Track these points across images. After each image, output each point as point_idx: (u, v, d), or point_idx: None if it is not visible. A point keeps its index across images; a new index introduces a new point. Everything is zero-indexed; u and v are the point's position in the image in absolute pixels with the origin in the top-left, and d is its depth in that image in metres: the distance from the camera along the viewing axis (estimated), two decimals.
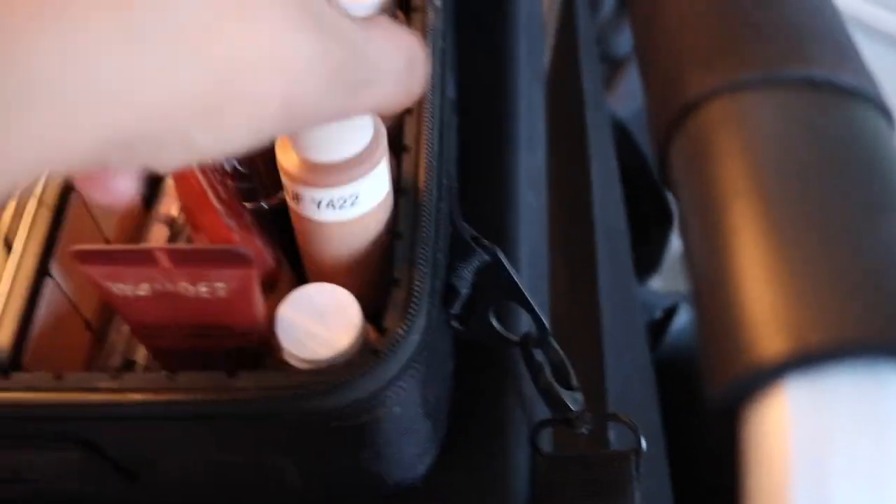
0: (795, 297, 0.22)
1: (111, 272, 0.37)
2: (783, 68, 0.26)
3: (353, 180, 0.39)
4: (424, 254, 0.40)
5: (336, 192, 0.39)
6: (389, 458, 0.43)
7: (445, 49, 0.48)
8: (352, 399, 0.38)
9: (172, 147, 0.27)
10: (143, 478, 0.44)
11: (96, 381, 0.39)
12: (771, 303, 0.22)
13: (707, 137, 0.26)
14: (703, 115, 0.26)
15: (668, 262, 0.96)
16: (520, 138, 0.56)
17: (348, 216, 0.41)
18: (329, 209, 0.40)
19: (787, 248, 0.23)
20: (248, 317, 0.39)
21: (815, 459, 0.21)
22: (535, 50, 0.63)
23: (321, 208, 0.40)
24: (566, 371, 0.46)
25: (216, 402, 0.38)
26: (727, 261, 0.23)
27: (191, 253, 0.36)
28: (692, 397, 0.77)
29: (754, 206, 0.24)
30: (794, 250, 0.22)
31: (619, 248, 0.72)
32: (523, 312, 0.50)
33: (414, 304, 0.39)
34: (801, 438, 0.21)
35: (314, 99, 0.29)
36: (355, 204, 0.40)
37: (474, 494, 0.46)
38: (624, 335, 0.66)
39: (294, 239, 0.44)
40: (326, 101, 0.30)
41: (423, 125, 0.44)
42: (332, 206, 0.40)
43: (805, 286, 0.22)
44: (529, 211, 0.54)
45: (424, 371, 0.40)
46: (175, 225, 0.52)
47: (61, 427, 0.40)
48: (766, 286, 0.22)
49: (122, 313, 0.40)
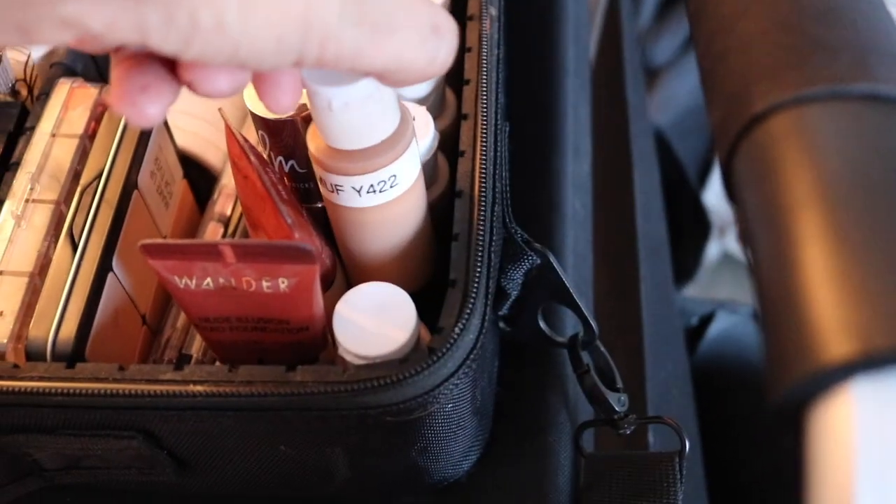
0: (863, 301, 0.23)
1: (177, 266, 0.39)
2: (849, 84, 0.27)
3: (391, 161, 0.41)
4: (480, 256, 0.41)
5: (376, 175, 0.41)
6: (437, 454, 0.44)
7: (500, 57, 0.49)
8: (408, 396, 0.39)
9: (180, 19, 0.27)
10: (196, 467, 0.45)
11: (159, 372, 0.40)
12: (838, 306, 0.23)
13: (773, 149, 0.27)
14: (769, 128, 0.27)
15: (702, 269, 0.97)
16: (567, 145, 0.57)
17: (390, 197, 0.42)
18: (371, 194, 0.41)
19: (854, 254, 0.23)
20: (307, 312, 0.40)
21: (881, 461, 0.22)
22: (581, 59, 0.64)
23: (362, 195, 0.41)
24: (612, 373, 0.47)
25: (275, 395, 0.39)
26: (795, 266, 0.24)
27: (255, 248, 0.37)
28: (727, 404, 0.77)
29: (821, 215, 0.25)
30: (861, 256, 0.23)
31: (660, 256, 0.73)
32: (567, 314, 0.51)
33: (469, 305, 0.40)
34: (867, 440, 0.22)
35: (332, 20, 0.30)
36: (395, 185, 0.42)
37: (517, 492, 0.47)
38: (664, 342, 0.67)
39: None
40: (344, 29, 0.30)
41: (479, 130, 0.45)
42: (373, 191, 0.41)
43: (872, 291, 0.23)
44: (575, 217, 0.55)
45: (476, 370, 0.41)
46: (230, 224, 0.54)
47: (122, 416, 0.41)
48: (834, 290, 0.23)
49: (183, 306, 0.41)
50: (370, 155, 0.40)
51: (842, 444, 0.22)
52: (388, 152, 0.40)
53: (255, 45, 0.29)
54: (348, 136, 0.40)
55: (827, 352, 0.23)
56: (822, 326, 0.23)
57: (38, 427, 0.42)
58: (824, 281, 0.23)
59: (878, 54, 0.27)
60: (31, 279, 0.44)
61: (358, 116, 0.38)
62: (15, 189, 0.47)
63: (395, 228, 0.44)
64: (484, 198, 0.43)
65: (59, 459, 0.45)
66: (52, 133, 0.48)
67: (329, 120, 0.39)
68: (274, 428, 0.41)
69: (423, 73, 0.34)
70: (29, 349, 0.43)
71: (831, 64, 0.27)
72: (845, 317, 0.23)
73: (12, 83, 0.52)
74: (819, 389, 0.23)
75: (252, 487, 0.48)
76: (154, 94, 0.31)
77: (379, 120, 0.40)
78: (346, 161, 0.40)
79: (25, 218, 0.46)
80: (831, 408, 0.23)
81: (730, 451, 0.74)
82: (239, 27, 0.28)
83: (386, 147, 0.40)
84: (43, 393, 0.40)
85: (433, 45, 0.34)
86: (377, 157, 0.40)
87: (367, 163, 0.40)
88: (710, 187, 1.27)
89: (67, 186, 0.47)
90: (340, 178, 0.41)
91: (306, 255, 0.37)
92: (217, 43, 0.29)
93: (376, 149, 0.40)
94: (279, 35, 0.29)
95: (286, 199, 0.42)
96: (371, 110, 0.39)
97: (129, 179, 0.48)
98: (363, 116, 0.39)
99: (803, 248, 0.24)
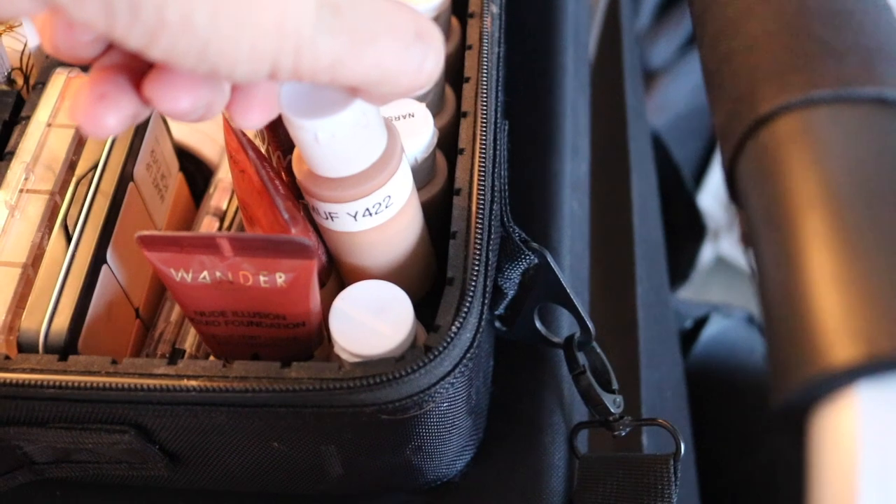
0: (869, 304, 0.22)
1: (173, 259, 0.38)
2: (855, 87, 0.27)
3: (385, 182, 0.40)
4: (478, 254, 0.41)
5: (371, 199, 0.40)
6: (431, 453, 0.44)
7: (500, 55, 0.48)
8: (404, 394, 0.38)
9: (147, 9, 0.26)
10: (188, 462, 0.45)
11: (152, 366, 0.40)
12: (843, 310, 0.23)
13: (779, 151, 0.27)
14: (774, 130, 0.27)
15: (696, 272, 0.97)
16: (565, 145, 0.56)
17: (387, 217, 0.41)
18: (366, 217, 0.41)
19: (859, 257, 0.23)
20: (304, 308, 0.40)
21: (885, 465, 0.22)
22: (580, 61, 0.64)
23: (358, 219, 0.41)
24: (607, 374, 0.47)
25: (269, 392, 0.39)
26: (799, 269, 0.24)
27: (253, 242, 0.37)
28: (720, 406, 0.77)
29: (827, 217, 0.24)
30: (866, 260, 0.23)
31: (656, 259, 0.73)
32: (563, 315, 0.51)
33: (467, 303, 0.39)
34: (871, 443, 0.22)
35: (307, 29, 0.29)
36: (390, 205, 0.41)
37: (511, 493, 0.47)
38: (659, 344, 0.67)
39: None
40: (320, 38, 0.29)
41: (479, 128, 0.44)
42: (369, 214, 0.41)
43: (877, 294, 0.22)
44: (573, 217, 0.55)
45: (472, 369, 0.41)
46: (225, 218, 0.53)
47: (114, 410, 0.41)
48: (839, 293, 0.23)
49: (179, 299, 0.41)
50: (363, 179, 0.39)
51: (846, 447, 0.22)
52: (380, 174, 0.39)
53: (225, 50, 0.28)
54: (338, 165, 0.39)
55: (831, 355, 0.22)
56: (826, 330, 0.23)
57: (29, 420, 0.42)
58: (829, 284, 0.23)
59: (885, 57, 0.27)
60: (25, 270, 0.44)
61: (347, 144, 0.38)
62: (9, 179, 0.46)
63: (392, 246, 0.44)
64: (482, 196, 0.42)
65: (49, 452, 0.44)
66: (47, 123, 0.48)
67: (317, 152, 0.38)
68: (268, 424, 0.41)
69: (409, 83, 0.33)
70: (21, 341, 0.42)
71: (838, 66, 0.27)
72: (850, 320, 0.23)
73: (8, 72, 0.51)
74: (823, 393, 0.23)
75: (244, 484, 0.47)
76: (111, 104, 0.30)
77: (368, 143, 0.39)
78: (339, 189, 0.39)
79: (19, 208, 0.45)
80: (835, 411, 0.23)
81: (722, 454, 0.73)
82: (208, 27, 0.27)
83: (378, 168, 0.39)
84: (35, 385, 0.40)
85: (418, 52, 0.32)
86: (370, 181, 0.39)
87: (360, 188, 0.39)
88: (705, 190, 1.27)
89: (62, 177, 0.46)
90: (334, 205, 0.40)
91: (304, 250, 0.37)
92: (184, 42, 0.28)
93: (368, 172, 0.39)
94: (252, 41, 0.28)
95: (283, 194, 0.42)
96: (360, 136, 0.38)
97: (124, 171, 0.47)
98: (352, 143, 0.38)
99: (808, 251, 0.24)
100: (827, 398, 0.23)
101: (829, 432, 0.23)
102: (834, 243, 0.24)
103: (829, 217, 0.24)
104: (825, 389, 0.23)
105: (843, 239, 0.24)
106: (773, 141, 0.27)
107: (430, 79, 0.33)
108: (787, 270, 0.24)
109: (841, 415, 0.23)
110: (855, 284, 0.23)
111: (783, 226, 0.25)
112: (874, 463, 0.22)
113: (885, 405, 0.22)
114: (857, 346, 0.22)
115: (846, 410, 0.23)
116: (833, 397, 0.23)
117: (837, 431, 0.23)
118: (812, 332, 0.23)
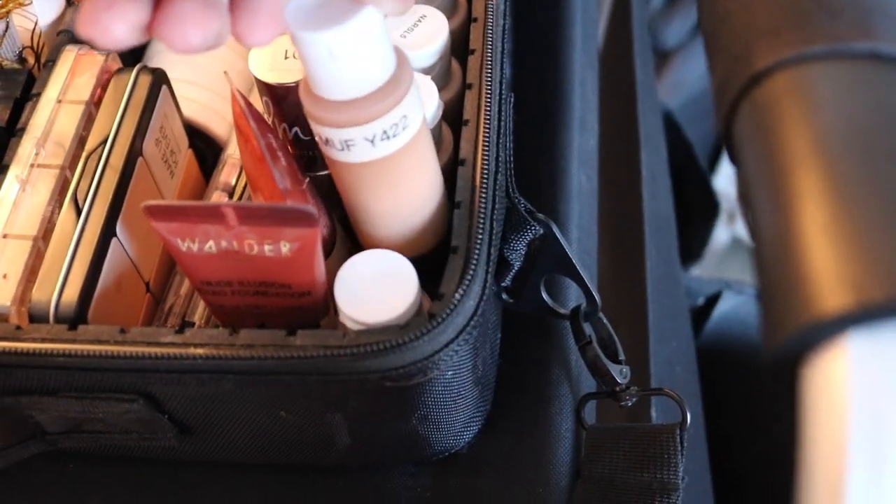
0: (859, 253, 0.22)
1: (180, 228, 0.39)
2: (850, 42, 0.27)
3: (400, 100, 0.38)
4: (482, 223, 0.41)
5: (387, 119, 0.38)
6: (437, 423, 0.44)
7: (506, 27, 0.49)
8: (408, 361, 0.39)
9: None
10: (196, 432, 0.45)
11: (160, 335, 0.40)
12: (835, 259, 0.23)
13: (773, 106, 0.27)
14: (769, 86, 0.27)
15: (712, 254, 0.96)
16: (573, 119, 0.56)
17: (402, 142, 0.39)
18: (384, 142, 0.39)
19: (851, 207, 0.23)
20: (309, 276, 0.40)
21: (875, 413, 0.22)
22: (589, 36, 0.64)
23: (376, 144, 0.39)
24: (614, 345, 0.47)
25: (275, 359, 0.39)
26: (792, 220, 0.24)
27: (258, 210, 0.37)
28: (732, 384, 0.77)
29: (819, 170, 0.24)
30: (858, 210, 0.23)
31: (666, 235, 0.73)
32: (570, 287, 0.51)
33: (471, 271, 0.40)
34: (862, 392, 0.22)
35: None
36: (406, 126, 0.39)
37: (518, 464, 0.47)
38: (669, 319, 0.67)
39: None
40: None
41: (483, 99, 0.45)
42: (386, 137, 0.39)
43: (869, 243, 0.22)
44: (581, 191, 0.55)
45: (477, 337, 0.41)
46: (234, 194, 0.54)
47: (123, 379, 0.42)
48: (831, 243, 0.23)
49: (186, 269, 0.41)
50: (379, 97, 0.37)
51: (836, 396, 0.22)
52: (396, 90, 0.37)
53: None
54: (354, 83, 0.37)
55: (822, 304, 0.23)
56: (817, 279, 0.23)
57: (40, 389, 0.42)
58: (821, 233, 0.23)
59: (880, 13, 0.27)
60: (35, 243, 0.44)
61: (361, 58, 0.36)
62: (20, 154, 0.47)
63: (412, 176, 0.42)
64: (487, 166, 0.43)
65: (61, 422, 0.45)
66: (58, 99, 0.48)
67: (331, 69, 0.36)
68: (274, 392, 0.42)
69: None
70: (32, 312, 0.43)
71: (833, 23, 0.27)
72: (841, 269, 0.23)
73: (19, 50, 0.52)
74: (814, 342, 0.23)
75: (252, 454, 0.48)
76: (119, 11, 0.30)
77: (381, 58, 0.37)
78: (354, 110, 0.37)
79: (30, 182, 0.46)
80: (826, 360, 0.23)
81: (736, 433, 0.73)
82: None
83: (393, 85, 0.37)
84: (45, 354, 0.40)
85: None
86: (386, 98, 0.37)
87: (377, 106, 0.37)
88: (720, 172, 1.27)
89: (72, 152, 0.47)
90: (351, 130, 0.38)
91: (308, 218, 0.37)
92: None
93: (383, 89, 0.37)
94: None
95: (281, 163, 0.42)
96: (373, 49, 0.36)
97: (133, 146, 0.48)
98: (366, 57, 0.36)
99: (800, 203, 0.24)
100: (818, 347, 0.23)
101: (820, 381, 0.23)
102: (826, 194, 0.24)
103: (821, 169, 0.25)
104: (816, 338, 0.23)
105: (836, 190, 0.24)
106: (767, 98, 0.27)
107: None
108: (779, 222, 0.24)
109: (832, 363, 0.23)
110: (847, 233, 0.23)
111: (776, 179, 0.25)
112: (865, 411, 0.22)
113: (876, 353, 0.22)
114: (847, 294, 0.22)
115: (837, 359, 0.23)
116: (824, 346, 0.23)
117: (828, 380, 0.23)
118: (803, 282, 0.23)
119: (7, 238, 0.44)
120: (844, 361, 0.22)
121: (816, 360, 0.23)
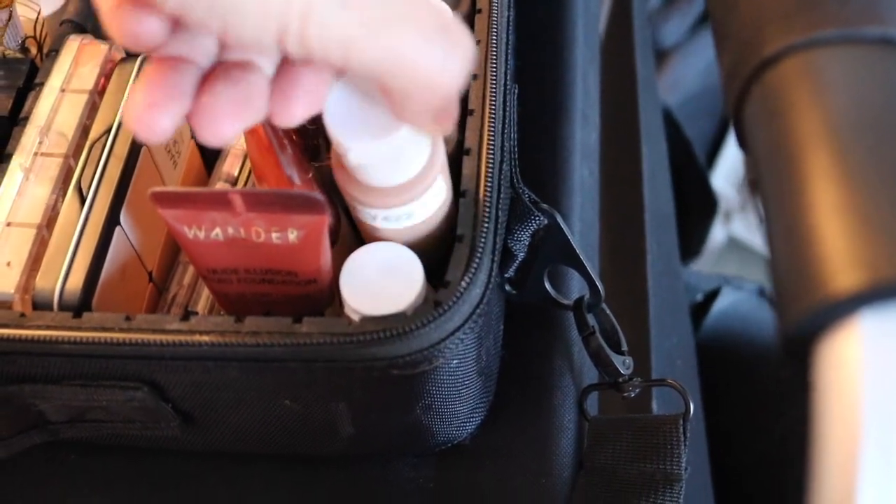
0: (871, 233, 0.23)
1: (186, 215, 0.39)
2: (860, 27, 0.27)
3: (406, 203, 0.41)
4: (487, 212, 0.41)
5: (391, 211, 0.41)
6: (441, 414, 0.44)
7: (510, 19, 0.49)
8: (413, 349, 0.39)
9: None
10: (200, 421, 0.45)
11: (165, 322, 0.40)
12: (847, 239, 0.23)
13: (784, 91, 0.27)
14: (780, 71, 0.27)
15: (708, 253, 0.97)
16: (575, 113, 0.57)
17: (404, 225, 0.42)
18: (385, 221, 0.42)
19: (862, 188, 0.24)
20: (315, 264, 0.40)
21: (888, 392, 0.22)
22: (591, 31, 0.64)
23: (378, 220, 0.42)
24: (617, 336, 0.47)
25: (280, 346, 0.39)
26: (803, 201, 0.24)
27: (265, 197, 0.37)
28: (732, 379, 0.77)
29: (830, 152, 0.25)
30: (869, 190, 0.23)
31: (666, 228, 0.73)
32: (573, 279, 0.51)
33: (476, 260, 0.40)
34: (874, 371, 0.22)
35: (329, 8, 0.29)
36: (410, 217, 0.42)
37: (521, 454, 0.47)
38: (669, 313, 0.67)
39: None
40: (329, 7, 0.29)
41: (488, 90, 0.45)
42: (387, 220, 0.41)
43: (880, 223, 0.23)
44: (583, 184, 0.55)
45: (482, 326, 0.41)
46: (237, 184, 0.54)
47: (127, 366, 0.41)
48: (842, 223, 0.23)
49: (192, 257, 0.41)
50: (388, 194, 0.40)
51: (849, 376, 0.23)
52: (404, 194, 0.40)
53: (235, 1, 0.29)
54: (370, 172, 0.39)
55: (834, 283, 0.23)
56: (829, 259, 0.23)
57: (44, 377, 0.42)
58: (832, 214, 0.23)
59: None
60: (39, 231, 0.44)
61: (378, 167, 0.39)
62: (24, 143, 0.47)
63: (412, 240, 0.44)
64: (492, 155, 0.43)
65: (64, 411, 0.45)
66: (61, 88, 0.48)
67: (348, 163, 0.39)
68: (279, 380, 0.42)
69: (429, 79, 0.32)
70: (36, 300, 0.43)
71: (843, 8, 0.27)
72: (853, 249, 0.23)
73: (22, 40, 0.52)
74: (827, 321, 0.23)
75: (256, 444, 0.48)
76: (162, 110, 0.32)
77: (399, 168, 0.39)
78: (364, 193, 0.40)
79: (34, 171, 0.46)
80: (839, 339, 0.23)
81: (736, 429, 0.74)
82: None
83: (404, 189, 0.40)
84: (49, 341, 0.40)
85: (440, 47, 0.31)
86: (393, 197, 0.40)
87: (383, 199, 0.40)
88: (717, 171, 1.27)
89: (76, 141, 0.47)
90: (356, 204, 0.41)
91: (316, 205, 0.37)
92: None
93: (395, 189, 0.40)
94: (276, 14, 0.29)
95: (289, 152, 0.42)
96: (393, 163, 0.39)
97: None
98: (382, 168, 0.39)
99: (812, 184, 0.24)
100: (831, 327, 0.23)
101: (833, 361, 0.23)
102: (837, 175, 0.24)
103: (832, 151, 0.25)
104: (829, 318, 0.23)
105: (847, 171, 0.24)
106: (777, 82, 0.27)
107: (455, 81, 0.32)
108: (791, 204, 0.25)
109: (845, 342, 0.23)
110: (858, 214, 0.23)
111: (788, 162, 0.25)
112: (878, 391, 0.22)
113: (889, 332, 0.22)
114: (859, 274, 0.22)
115: (850, 338, 0.23)
116: (837, 326, 0.23)
117: (841, 360, 0.23)
118: (815, 262, 0.23)
119: (11, 226, 0.44)
120: (857, 340, 0.23)
121: (829, 340, 0.23)
